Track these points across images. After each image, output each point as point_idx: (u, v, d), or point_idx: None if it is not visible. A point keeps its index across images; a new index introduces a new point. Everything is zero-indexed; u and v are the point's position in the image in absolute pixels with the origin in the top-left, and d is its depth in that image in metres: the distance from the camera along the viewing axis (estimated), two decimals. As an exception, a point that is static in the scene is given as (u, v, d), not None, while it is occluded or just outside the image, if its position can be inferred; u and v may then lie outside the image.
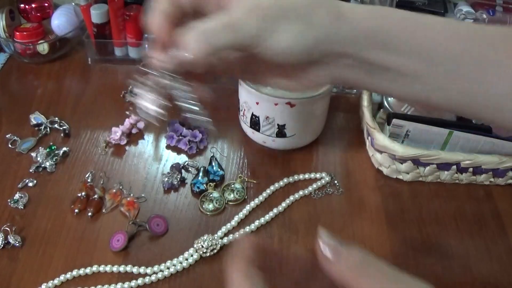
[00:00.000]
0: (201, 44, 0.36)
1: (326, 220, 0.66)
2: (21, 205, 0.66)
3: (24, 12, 0.95)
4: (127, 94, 0.34)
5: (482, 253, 0.63)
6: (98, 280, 0.58)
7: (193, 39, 0.36)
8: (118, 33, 0.91)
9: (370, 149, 0.74)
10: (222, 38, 0.36)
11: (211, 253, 0.61)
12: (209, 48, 0.36)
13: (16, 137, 0.76)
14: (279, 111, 0.70)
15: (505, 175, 0.70)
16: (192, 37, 0.36)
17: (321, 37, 0.37)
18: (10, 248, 0.61)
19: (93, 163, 0.73)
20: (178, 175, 0.70)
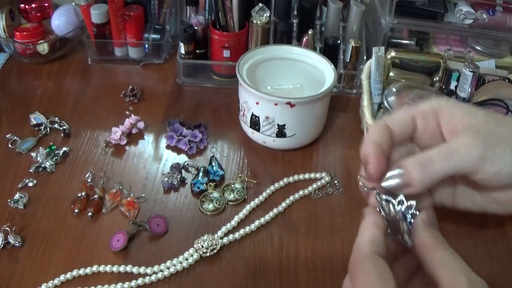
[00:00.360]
0: (424, 176, 0.37)
1: (326, 220, 0.66)
2: (21, 205, 0.66)
3: (24, 12, 0.95)
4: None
5: (482, 253, 0.63)
6: (98, 280, 0.58)
7: (417, 171, 0.38)
8: (118, 33, 0.91)
9: (370, 149, 0.74)
10: (446, 167, 0.37)
11: (211, 253, 0.61)
12: (432, 179, 0.38)
13: (16, 137, 0.76)
14: (279, 111, 0.70)
15: (505, 175, 0.69)
16: (416, 168, 0.38)
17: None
18: (10, 248, 0.61)
19: (93, 163, 0.73)
20: (178, 175, 0.70)
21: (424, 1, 0.85)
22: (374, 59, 0.76)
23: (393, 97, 0.74)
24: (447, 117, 0.40)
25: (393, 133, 0.41)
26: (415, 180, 0.37)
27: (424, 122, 0.41)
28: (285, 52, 0.80)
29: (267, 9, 0.85)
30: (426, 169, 0.37)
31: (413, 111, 0.41)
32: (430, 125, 0.41)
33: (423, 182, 0.37)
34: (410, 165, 0.38)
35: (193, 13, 0.90)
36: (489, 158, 0.37)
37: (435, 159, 0.37)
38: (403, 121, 0.41)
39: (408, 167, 0.38)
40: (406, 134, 0.41)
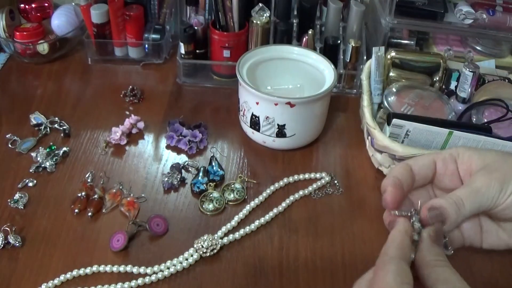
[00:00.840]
0: (458, 213, 0.41)
1: (326, 220, 0.66)
2: (21, 205, 0.66)
3: (24, 12, 0.95)
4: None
5: (482, 253, 0.63)
6: (98, 280, 0.58)
7: (452, 209, 0.41)
8: (118, 33, 0.91)
9: (370, 149, 0.74)
10: (473, 206, 0.42)
11: (211, 253, 0.61)
12: (463, 217, 0.42)
13: (16, 137, 0.76)
14: (279, 111, 0.70)
15: (505, 175, 0.69)
16: (452, 207, 0.41)
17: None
18: (10, 248, 0.61)
19: (93, 163, 0.73)
20: (178, 175, 0.70)
21: (424, 1, 0.85)
22: (374, 59, 0.76)
23: (393, 97, 0.75)
24: (465, 161, 0.45)
25: (414, 174, 0.45)
26: (451, 218, 0.41)
27: (443, 166, 0.45)
28: (285, 52, 0.80)
29: (267, 9, 0.85)
30: (460, 208, 0.41)
31: (434, 156, 0.46)
32: (449, 168, 0.45)
33: (456, 219, 0.41)
34: (448, 205, 0.41)
35: (193, 13, 0.90)
36: (504, 190, 0.42)
37: (464, 200, 0.41)
38: (424, 163, 0.46)
39: (445, 206, 0.41)
40: (426, 176, 0.46)
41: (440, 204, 0.41)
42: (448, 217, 0.41)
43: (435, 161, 0.46)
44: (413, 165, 0.45)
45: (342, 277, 0.60)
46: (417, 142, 0.69)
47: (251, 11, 0.86)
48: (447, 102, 0.75)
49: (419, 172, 0.45)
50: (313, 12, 0.91)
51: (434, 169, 0.46)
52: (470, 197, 0.42)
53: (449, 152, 0.46)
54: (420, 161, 0.46)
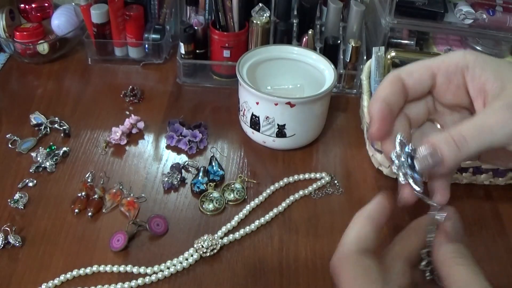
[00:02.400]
0: (457, 155, 0.34)
1: (326, 220, 0.66)
2: (21, 205, 0.66)
3: (24, 12, 0.95)
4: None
5: (482, 253, 0.63)
6: (98, 280, 0.58)
7: (450, 151, 0.34)
8: (118, 33, 0.91)
9: (370, 149, 0.74)
10: (479, 146, 0.34)
11: (211, 253, 0.61)
12: (465, 158, 0.35)
13: (16, 137, 0.76)
14: (279, 111, 0.70)
15: (505, 175, 0.70)
16: (450, 148, 0.34)
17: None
18: (10, 248, 0.61)
19: (93, 163, 0.73)
20: (178, 175, 0.70)
21: (424, 1, 0.85)
22: (374, 59, 0.76)
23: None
24: (476, 77, 0.36)
25: (407, 89, 0.38)
26: (448, 160, 0.35)
27: (446, 79, 0.37)
28: (285, 52, 0.80)
29: (267, 9, 0.85)
30: (461, 149, 0.34)
31: (434, 67, 0.38)
32: (454, 83, 0.37)
33: (456, 162, 0.35)
34: (443, 145, 0.35)
35: (193, 13, 0.90)
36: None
37: (468, 138, 0.34)
38: (420, 77, 0.38)
39: (441, 147, 0.34)
40: (422, 92, 0.38)
41: (435, 144, 0.35)
42: (445, 161, 0.34)
43: (434, 74, 0.38)
44: (406, 78, 0.38)
45: (342, 277, 0.60)
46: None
47: (251, 11, 0.86)
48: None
49: (413, 87, 0.38)
50: (313, 12, 0.91)
51: (433, 83, 0.38)
52: (478, 137, 0.34)
53: (455, 62, 0.37)
54: (415, 74, 0.38)
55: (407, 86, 0.38)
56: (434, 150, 0.35)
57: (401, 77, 0.38)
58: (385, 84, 0.38)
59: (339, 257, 0.35)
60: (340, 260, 0.34)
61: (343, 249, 0.35)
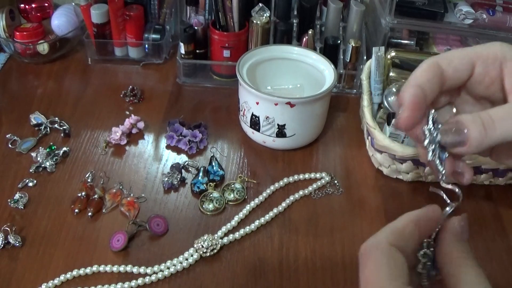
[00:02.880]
0: (483, 138, 0.33)
1: (326, 220, 0.66)
2: (21, 205, 0.66)
3: (24, 12, 0.95)
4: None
5: (482, 253, 0.63)
6: (98, 280, 0.58)
7: (476, 131, 0.33)
8: (118, 33, 0.91)
9: (370, 149, 0.74)
10: (507, 133, 0.33)
11: (211, 253, 0.61)
12: (490, 142, 0.33)
13: (16, 137, 0.76)
14: (279, 111, 0.70)
15: (505, 175, 0.70)
16: (477, 128, 0.33)
17: None
18: (10, 248, 0.61)
19: (93, 163, 0.73)
20: (178, 175, 0.70)
21: (424, 1, 0.85)
22: (374, 59, 0.76)
23: (393, 97, 0.74)
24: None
25: (445, 77, 0.36)
26: (473, 141, 0.33)
27: (483, 70, 0.36)
28: (285, 52, 0.80)
29: (267, 9, 0.85)
30: (487, 131, 0.33)
31: (473, 55, 0.36)
32: (490, 74, 0.36)
33: (481, 144, 0.33)
34: (471, 124, 0.33)
35: (193, 13, 0.90)
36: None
37: (496, 122, 0.33)
38: (461, 66, 0.36)
39: (469, 126, 0.33)
40: (460, 81, 0.37)
41: (462, 121, 0.33)
42: (469, 139, 0.33)
43: (474, 63, 0.36)
44: (445, 67, 0.36)
45: (342, 277, 0.60)
46: (417, 142, 0.69)
47: (251, 11, 0.86)
48: (447, 102, 0.75)
49: (452, 75, 0.36)
50: (313, 12, 0.91)
51: (471, 73, 0.36)
52: (506, 122, 0.33)
53: (493, 53, 0.36)
54: (455, 61, 0.36)
55: (445, 74, 0.36)
56: (461, 126, 0.34)
57: (439, 64, 0.36)
58: (422, 69, 0.36)
59: (370, 243, 0.33)
60: (371, 246, 0.33)
61: (376, 237, 0.33)
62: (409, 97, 0.36)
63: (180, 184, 0.70)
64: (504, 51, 0.36)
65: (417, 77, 0.36)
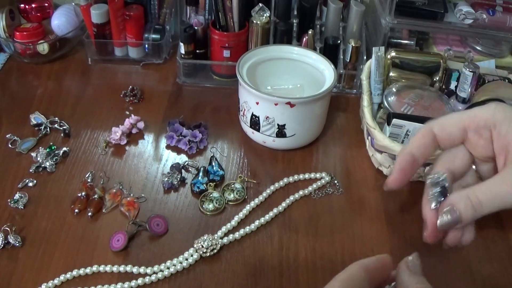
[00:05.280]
0: (474, 215, 0.38)
1: (326, 220, 0.66)
2: (21, 205, 0.66)
3: (24, 12, 0.95)
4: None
5: (482, 253, 0.63)
6: (98, 280, 0.58)
7: (467, 212, 0.38)
8: (118, 33, 0.91)
9: (370, 149, 0.74)
10: (494, 207, 0.38)
11: (211, 253, 0.61)
12: (479, 215, 0.38)
13: (16, 137, 0.76)
14: (279, 111, 0.70)
15: (505, 175, 0.69)
16: (467, 209, 0.38)
17: None
18: (10, 248, 0.61)
19: (93, 163, 0.73)
20: (178, 175, 0.70)
21: (424, 1, 0.85)
22: (374, 59, 0.76)
23: (393, 97, 0.75)
24: (502, 135, 0.39)
25: (438, 141, 0.41)
26: (465, 219, 0.39)
27: (476, 134, 0.40)
28: (285, 52, 0.80)
29: (267, 9, 0.85)
30: (476, 210, 0.38)
31: (465, 121, 0.41)
32: (484, 137, 0.40)
33: (472, 219, 0.39)
34: (461, 206, 0.38)
35: (193, 13, 0.90)
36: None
37: (483, 203, 0.38)
38: (452, 132, 0.41)
39: (461, 209, 0.38)
40: (453, 144, 0.42)
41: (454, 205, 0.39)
42: (462, 218, 0.39)
43: (465, 128, 0.41)
44: (438, 132, 0.41)
45: (342, 277, 0.60)
46: (417, 142, 0.69)
47: (251, 11, 0.86)
48: (447, 102, 0.75)
49: (444, 141, 0.41)
50: (313, 12, 0.91)
51: (464, 137, 0.41)
52: (492, 202, 0.38)
53: (484, 119, 0.40)
54: (448, 128, 0.41)
55: (438, 139, 0.41)
56: (453, 209, 0.39)
57: (433, 131, 0.41)
58: (417, 136, 0.42)
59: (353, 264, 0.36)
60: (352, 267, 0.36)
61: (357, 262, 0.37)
62: (399, 163, 0.42)
63: (180, 184, 0.70)
64: (495, 116, 0.39)
65: (412, 143, 0.42)
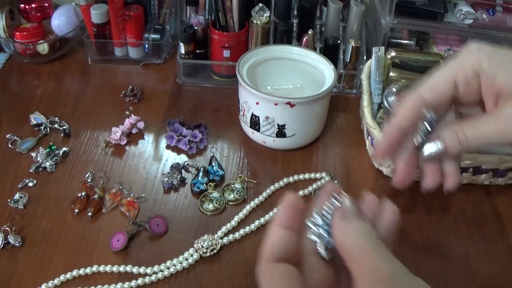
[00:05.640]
0: (460, 149, 0.39)
1: (326, 220, 0.66)
2: (21, 205, 0.66)
3: (24, 12, 0.95)
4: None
5: (482, 253, 0.63)
6: (98, 280, 0.58)
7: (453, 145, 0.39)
8: (118, 33, 0.91)
9: (370, 149, 0.74)
10: (478, 144, 0.39)
11: (211, 253, 0.61)
12: (465, 150, 0.39)
13: (16, 137, 0.76)
14: (279, 111, 0.70)
15: (505, 175, 0.70)
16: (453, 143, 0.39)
17: None
18: (10, 248, 0.61)
19: (93, 163, 0.73)
20: (178, 175, 0.70)
21: (424, 1, 0.85)
22: (374, 59, 0.76)
23: (393, 97, 0.74)
24: (490, 79, 0.39)
25: (429, 104, 0.40)
26: (452, 152, 0.39)
27: (466, 85, 0.40)
28: (285, 52, 0.80)
29: (267, 9, 0.85)
30: (461, 145, 0.39)
31: (454, 74, 0.40)
32: (472, 87, 0.40)
33: (457, 153, 0.40)
34: (448, 138, 0.39)
35: (193, 13, 0.90)
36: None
37: (470, 139, 0.38)
38: (443, 91, 0.40)
39: (446, 141, 0.39)
40: (447, 101, 0.41)
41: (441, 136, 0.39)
42: (448, 151, 0.39)
43: (455, 81, 0.40)
44: (429, 97, 0.40)
45: (342, 277, 0.60)
46: (417, 142, 0.69)
47: (251, 11, 0.86)
48: (447, 102, 0.75)
49: (436, 102, 0.41)
50: (313, 12, 0.91)
51: (456, 91, 0.40)
52: (478, 140, 0.39)
53: (471, 66, 0.39)
54: (438, 90, 0.40)
55: (430, 103, 0.40)
56: (440, 141, 0.39)
57: (423, 98, 0.40)
58: (406, 107, 0.41)
59: (258, 268, 0.34)
60: (259, 271, 0.34)
61: (260, 261, 0.34)
62: (386, 136, 0.42)
63: (180, 184, 0.70)
64: (481, 61, 0.39)
65: (400, 116, 0.41)
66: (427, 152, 0.41)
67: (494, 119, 0.39)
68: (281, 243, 0.34)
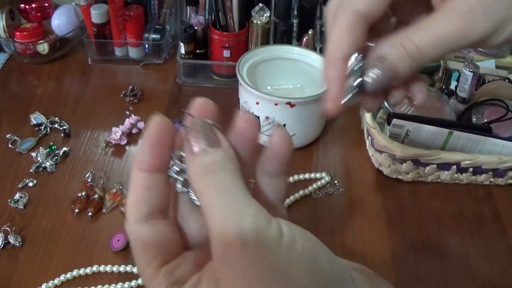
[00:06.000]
0: (413, 66, 0.31)
1: (326, 220, 0.66)
2: (21, 205, 0.66)
3: (24, 12, 0.95)
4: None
5: (482, 253, 0.63)
6: (98, 280, 0.58)
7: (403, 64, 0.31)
8: (118, 33, 0.91)
9: (370, 149, 0.74)
10: (436, 53, 0.30)
11: (211, 253, 0.60)
12: (419, 65, 0.31)
13: (16, 137, 0.76)
14: (279, 111, 0.70)
15: (505, 175, 0.70)
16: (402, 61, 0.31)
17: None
18: (10, 248, 0.61)
19: (93, 163, 0.73)
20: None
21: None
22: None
23: (393, 97, 0.74)
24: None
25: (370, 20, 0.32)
26: (402, 72, 0.31)
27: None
28: (285, 52, 0.80)
29: (267, 9, 0.85)
30: (414, 60, 0.30)
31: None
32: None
33: (410, 71, 0.31)
34: (393, 56, 0.31)
35: (193, 13, 0.90)
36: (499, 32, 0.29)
37: (423, 49, 0.30)
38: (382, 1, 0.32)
39: (393, 62, 0.31)
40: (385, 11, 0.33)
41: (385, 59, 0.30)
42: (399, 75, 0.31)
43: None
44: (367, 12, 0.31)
45: (342, 277, 0.60)
46: (417, 142, 0.69)
47: (251, 11, 0.86)
48: (447, 102, 0.75)
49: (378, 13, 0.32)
50: (313, 12, 0.91)
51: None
52: (434, 47, 0.30)
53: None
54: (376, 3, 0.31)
55: (369, 18, 0.32)
56: (385, 66, 0.31)
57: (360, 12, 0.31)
58: (343, 31, 0.31)
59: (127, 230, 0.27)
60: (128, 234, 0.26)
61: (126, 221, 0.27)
62: (334, 75, 0.32)
63: (180, 184, 0.70)
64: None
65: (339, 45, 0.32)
66: (372, 80, 0.31)
67: (450, 15, 0.30)
68: (147, 195, 0.26)
